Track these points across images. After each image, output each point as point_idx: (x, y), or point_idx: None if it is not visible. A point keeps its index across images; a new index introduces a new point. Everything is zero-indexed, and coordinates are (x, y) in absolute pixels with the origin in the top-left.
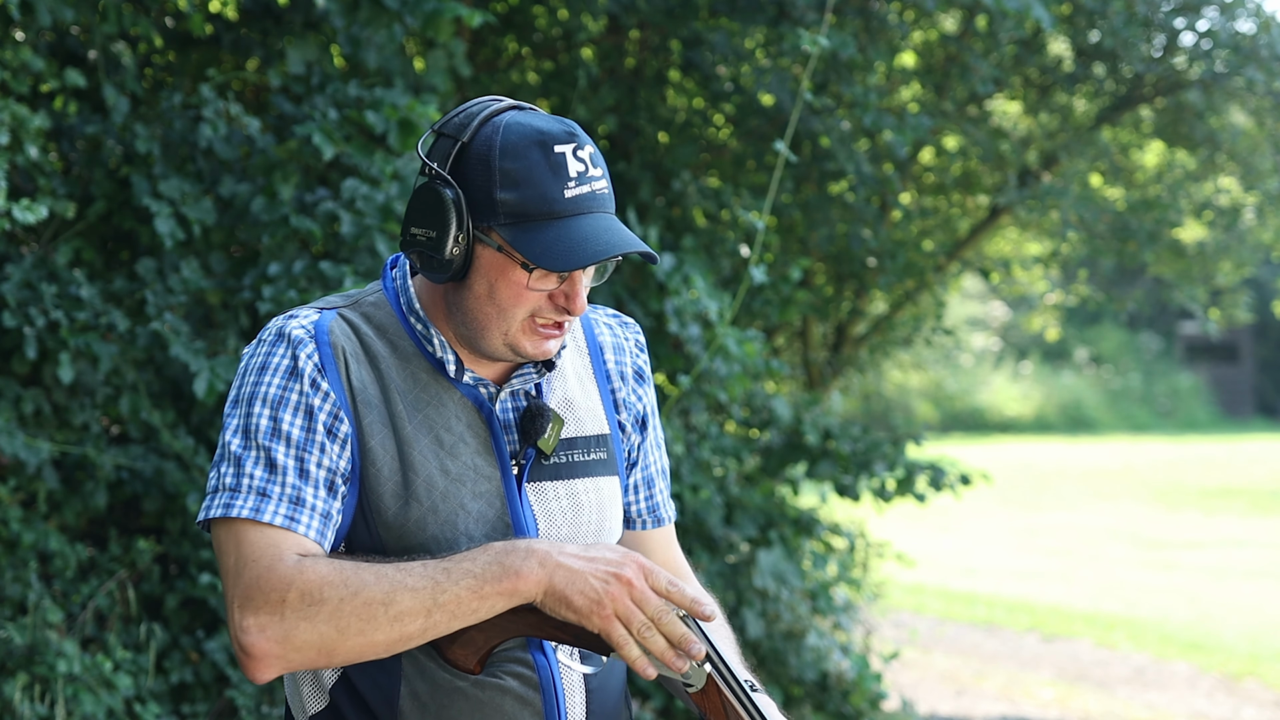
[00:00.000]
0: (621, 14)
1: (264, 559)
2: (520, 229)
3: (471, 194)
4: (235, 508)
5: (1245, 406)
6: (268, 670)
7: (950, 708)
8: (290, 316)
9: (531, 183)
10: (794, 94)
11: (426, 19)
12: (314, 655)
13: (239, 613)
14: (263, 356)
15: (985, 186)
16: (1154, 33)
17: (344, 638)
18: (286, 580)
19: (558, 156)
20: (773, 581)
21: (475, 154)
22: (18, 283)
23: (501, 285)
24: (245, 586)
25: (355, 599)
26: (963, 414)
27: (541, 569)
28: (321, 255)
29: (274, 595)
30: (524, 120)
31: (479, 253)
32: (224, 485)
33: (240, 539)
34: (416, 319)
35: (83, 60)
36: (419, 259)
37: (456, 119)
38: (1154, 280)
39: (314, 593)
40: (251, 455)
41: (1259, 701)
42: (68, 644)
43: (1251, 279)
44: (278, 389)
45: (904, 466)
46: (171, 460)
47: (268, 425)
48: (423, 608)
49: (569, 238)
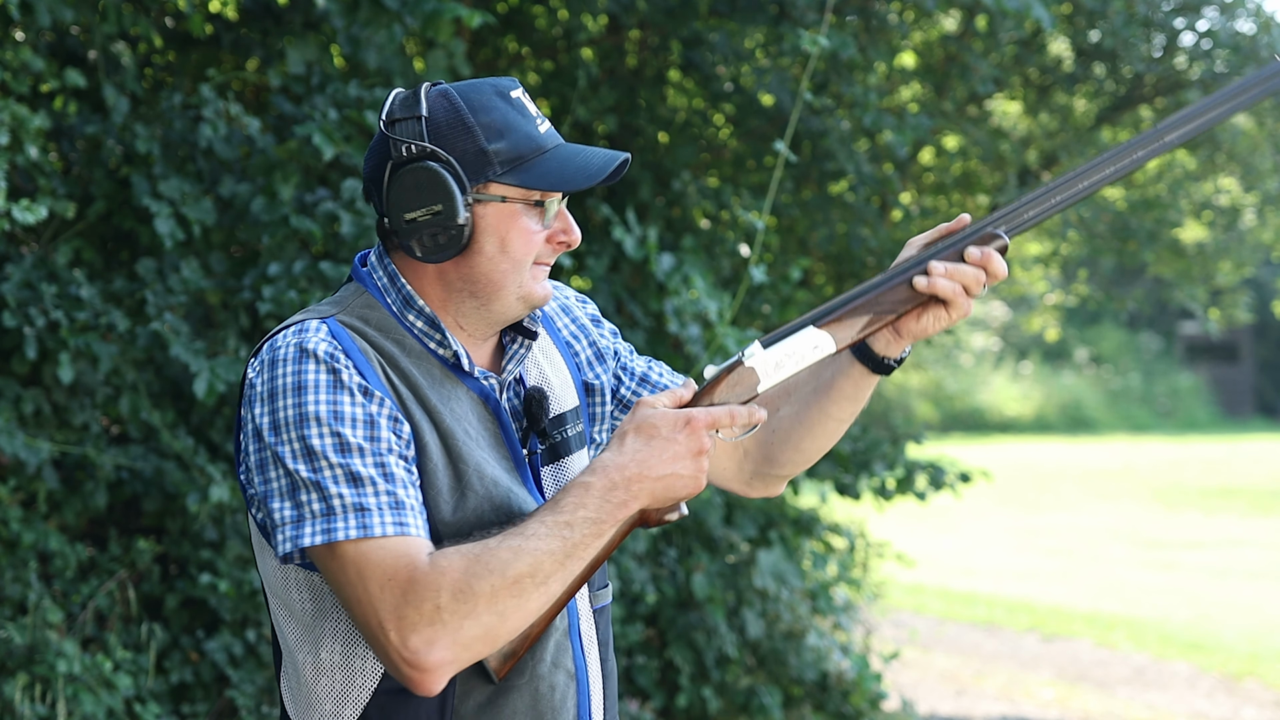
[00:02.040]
0: (621, 14)
1: (399, 574)
2: (520, 171)
3: (459, 157)
4: (338, 531)
5: (1245, 406)
6: (443, 679)
7: (950, 708)
8: (299, 330)
9: (511, 127)
10: (794, 94)
11: (426, 19)
12: (481, 648)
13: (399, 636)
14: (293, 376)
15: (985, 186)
16: (1154, 33)
17: (505, 621)
18: (434, 586)
19: (516, 101)
20: (773, 581)
21: (445, 120)
22: (18, 283)
23: (513, 235)
24: (394, 607)
25: (505, 580)
26: (963, 414)
27: (640, 488)
28: (321, 255)
29: (428, 606)
30: (467, 81)
31: (480, 214)
32: (312, 513)
33: (360, 561)
34: (418, 315)
35: (83, 60)
36: (424, 242)
37: (397, 104)
38: (1154, 280)
39: (465, 589)
40: (329, 475)
41: (1259, 701)
42: (68, 644)
43: (1251, 279)
44: (328, 405)
45: (904, 466)
46: (171, 460)
47: (333, 443)
48: (560, 567)
49: (568, 163)
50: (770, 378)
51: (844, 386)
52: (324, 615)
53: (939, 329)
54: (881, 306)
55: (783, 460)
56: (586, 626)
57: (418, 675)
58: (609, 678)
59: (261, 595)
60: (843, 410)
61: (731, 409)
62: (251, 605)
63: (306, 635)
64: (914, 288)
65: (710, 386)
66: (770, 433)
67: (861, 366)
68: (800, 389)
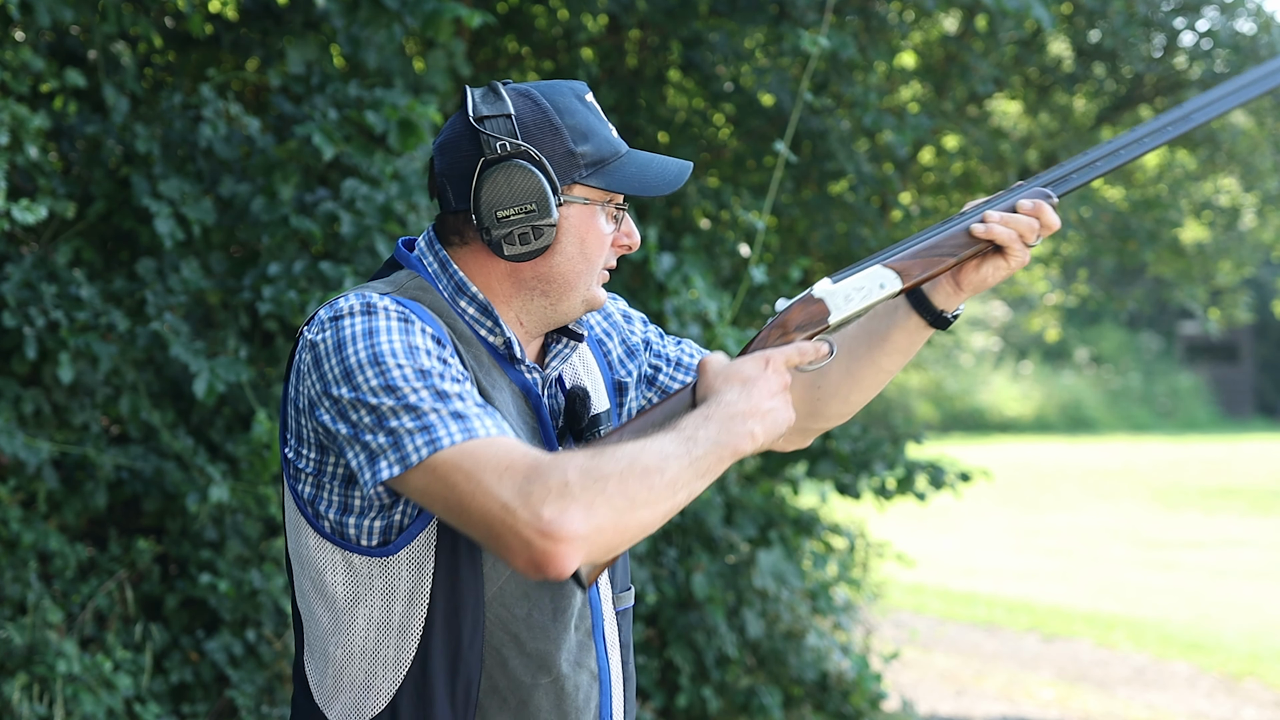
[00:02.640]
0: (621, 14)
1: (516, 462)
2: (604, 174)
3: (549, 157)
4: (441, 439)
5: (1245, 406)
6: (575, 557)
7: (950, 708)
8: (361, 295)
9: (593, 131)
10: (794, 94)
11: (426, 19)
12: (610, 535)
13: (529, 511)
14: (362, 324)
15: (985, 186)
16: (1154, 33)
17: (634, 509)
18: (559, 466)
19: (592, 105)
20: (773, 581)
21: (532, 120)
22: (18, 283)
23: (591, 236)
24: (518, 490)
25: (633, 468)
26: (963, 414)
27: (756, 424)
28: (321, 255)
29: (554, 482)
30: (543, 83)
31: (565, 213)
32: (408, 431)
33: (469, 462)
34: (470, 301)
35: (83, 60)
36: (513, 240)
37: (481, 100)
38: (1154, 280)
39: (593, 469)
40: (415, 397)
41: (1259, 701)
42: (67, 644)
43: (1251, 279)
44: (402, 341)
45: (904, 466)
46: (171, 460)
47: (413, 372)
48: (686, 476)
49: (646, 168)
50: (840, 310)
51: (899, 339)
52: (357, 601)
53: (999, 279)
54: (942, 249)
55: (829, 413)
56: (609, 628)
57: (552, 547)
58: (629, 681)
59: (286, 575)
60: (893, 362)
61: (800, 345)
62: (251, 605)
63: (338, 619)
64: (972, 234)
65: (782, 318)
66: (817, 388)
67: (919, 319)
68: (852, 343)
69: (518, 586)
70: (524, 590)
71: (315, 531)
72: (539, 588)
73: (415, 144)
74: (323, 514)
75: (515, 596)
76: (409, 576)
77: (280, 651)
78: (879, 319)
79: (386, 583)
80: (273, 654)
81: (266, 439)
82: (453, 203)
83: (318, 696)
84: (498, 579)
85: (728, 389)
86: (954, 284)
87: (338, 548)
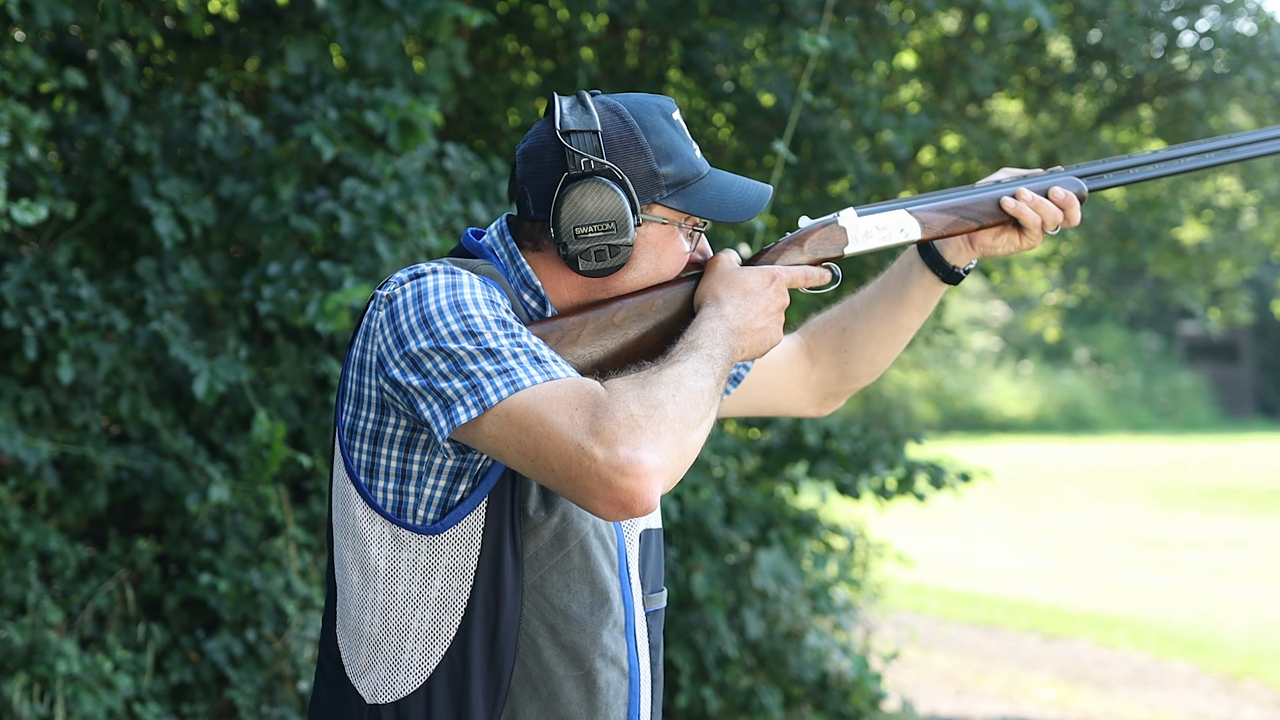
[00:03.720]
0: (621, 14)
1: (585, 399)
2: (684, 196)
3: (631, 175)
4: (521, 381)
5: (1245, 406)
6: (657, 489)
7: (950, 708)
8: (441, 262)
9: (678, 151)
10: (794, 94)
11: (426, 19)
12: (677, 460)
13: (606, 451)
14: (444, 276)
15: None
16: (1154, 33)
17: (689, 431)
18: (620, 399)
19: (678, 124)
20: (773, 581)
21: (619, 138)
22: (18, 283)
23: (668, 255)
24: (590, 427)
25: (680, 391)
26: (963, 414)
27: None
28: (321, 255)
29: (621, 416)
30: (631, 97)
31: (643, 231)
32: (487, 373)
33: (544, 404)
34: (533, 296)
35: (83, 60)
36: (589, 257)
37: (568, 113)
38: (1154, 280)
39: (649, 398)
40: (494, 344)
41: (1259, 701)
42: (67, 644)
43: (1251, 279)
44: (483, 291)
45: (904, 466)
46: (171, 460)
47: (494, 316)
48: (714, 391)
49: (726, 192)
50: (858, 244)
51: (915, 296)
52: (398, 577)
53: (1008, 252)
54: (969, 213)
55: (858, 374)
56: (641, 627)
57: (635, 484)
58: (657, 682)
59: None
60: (912, 319)
61: (807, 270)
62: (251, 605)
63: (378, 594)
64: (1001, 206)
65: (801, 236)
66: (845, 353)
67: (933, 275)
68: (870, 305)
69: (558, 578)
70: (564, 582)
71: (366, 502)
72: (578, 580)
73: (415, 144)
74: (378, 483)
75: (555, 587)
76: (455, 557)
77: (280, 651)
78: (894, 277)
79: (431, 561)
80: (273, 654)
81: (266, 439)
82: (532, 211)
83: (349, 670)
84: (539, 568)
85: (729, 298)
86: (967, 243)
87: (387, 521)
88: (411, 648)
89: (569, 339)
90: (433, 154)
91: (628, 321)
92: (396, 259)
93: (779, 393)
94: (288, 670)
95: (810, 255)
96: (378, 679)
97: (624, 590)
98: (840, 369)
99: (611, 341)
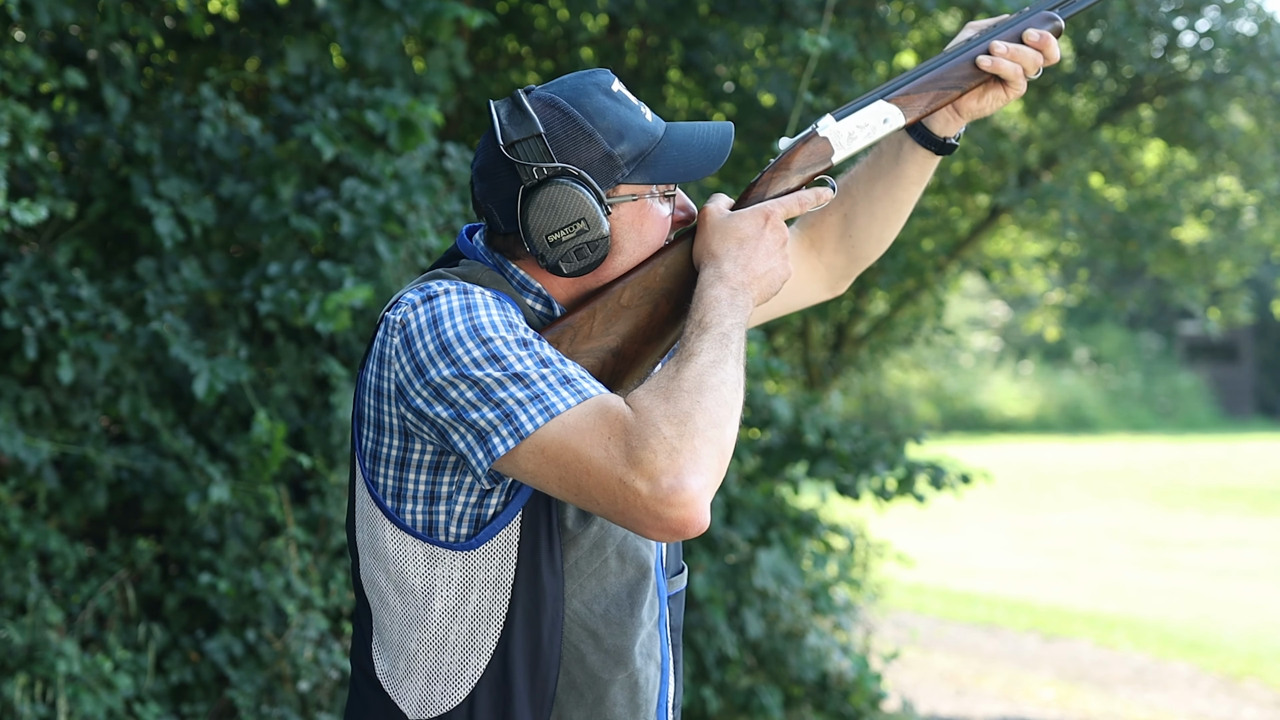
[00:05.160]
0: (621, 14)
1: (617, 424)
2: (646, 167)
3: (587, 167)
4: (555, 407)
5: (1245, 406)
6: (705, 505)
7: (950, 708)
8: (451, 279)
9: (628, 125)
10: (794, 94)
11: (426, 19)
12: (718, 466)
13: (649, 484)
14: (459, 299)
15: (985, 186)
16: (1154, 33)
17: (722, 431)
18: (650, 423)
19: (620, 94)
20: (773, 581)
21: (564, 133)
22: (18, 283)
23: (649, 228)
24: (626, 458)
25: (704, 393)
26: (963, 414)
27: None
28: (321, 255)
29: (655, 444)
30: (562, 84)
31: (617, 215)
32: (520, 402)
33: (580, 430)
34: (535, 298)
35: (83, 60)
36: (570, 260)
37: (507, 123)
38: (1154, 280)
39: (676, 413)
40: (520, 368)
41: (1259, 701)
42: (67, 644)
43: (1251, 279)
44: (500, 315)
45: (904, 466)
46: (171, 460)
47: (516, 337)
48: (735, 371)
49: (686, 148)
50: (844, 149)
51: (910, 171)
52: (435, 594)
53: (996, 108)
54: (946, 82)
55: (867, 253)
56: (665, 615)
57: (684, 513)
58: (678, 664)
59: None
60: (910, 194)
61: (800, 195)
62: (251, 605)
63: (416, 611)
64: (977, 66)
65: (785, 158)
66: (849, 238)
67: (924, 150)
68: (866, 186)
69: (597, 584)
70: (603, 588)
71: (395, 525)
72: (617, 583)
73: (415, 144)
74: (406, 506)
75: (594, 593)
76: (491, 571)
77: (280, 651)
78: (886, 156)
79: (468, 576)
80: (273, 654)
81: (266, 439)
82: (502, 226)
83: (388, 686)
84: (578, 575)
85: (725, 252)
86: (953, 111)
87: (420, 540)
88: (450, 660)
89: (582, 335)
90: (433, 154)
91: (635, 300)
92: (396, 259)
93: (793, 293)
94: (288, 670)
95: (800, 175)
96: (420, 694)
97: (659, 582)
98: (849, 252)
99: (624, 325)
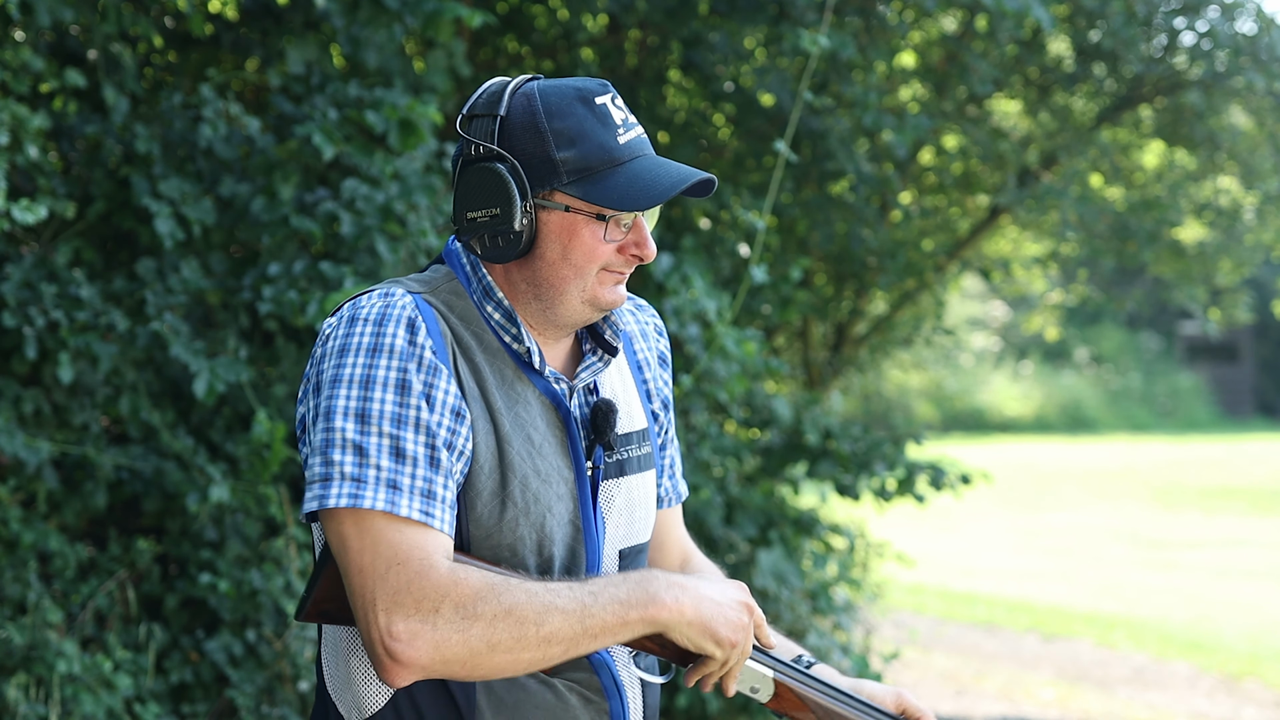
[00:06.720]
0: (621, 14)
1: (412, 561)
2: (587, 183)
3: (526, 161)
4: (364, 499)
5: (1245, 406)
6: (409, 677)
7: (950, 708)
8: (386, 295)
9: (586, 136)
10: (794, 94)
11: (426, 19)
12: (457, 668)
13: (386, 617)
14: (370, 337)
15: (985, 186)
16: (1154, 33)
17: (493, 654)
18: (441, 590)
19: (600, 108)
20: (773, 581)
21: (519, 123)
22: (18, 283)
23: (574, 244)
24: (394, 590)
25: (509, 616)
26: (963, 414)
27: (684, 597)
28: (321, 255)
29: (427, 604)
30: (555, 82)
31: (544, 219)
32: (344, 474)
33: (377, 535)
34: (496, 307)
35: (83, 60)
36: (483, 242)
37: (483, 99)
38: (1154, 280)
39: (469, 605)
40: (374, 442)
41: (1259, 701)
42: (67, 644)
43: (1251, 279)
44: (398, 372)
45: (904, 466)
46: (171, 460)
47: (393, 410)
48: (571, 631)
49: (637, 180)
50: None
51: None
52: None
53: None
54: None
55: None
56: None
57: (388, 663)
58: (650, 686)
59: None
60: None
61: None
62: (251, 605)
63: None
64: None
65: None
66: None
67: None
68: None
69: None
70: None
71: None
72: None
73: (415, 144)
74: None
75: None
76: None
77: (280, 651)
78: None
79: None
80: (273, 654)
81: (266, 439)
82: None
83: (330, 688)
84: None
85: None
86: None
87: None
88: (370, 666)
89: None
90: (433, 154)
91: None
92: (396, 259)
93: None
94: (288, 670)
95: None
96: (350, 697)
97: None
98: None
99: None
